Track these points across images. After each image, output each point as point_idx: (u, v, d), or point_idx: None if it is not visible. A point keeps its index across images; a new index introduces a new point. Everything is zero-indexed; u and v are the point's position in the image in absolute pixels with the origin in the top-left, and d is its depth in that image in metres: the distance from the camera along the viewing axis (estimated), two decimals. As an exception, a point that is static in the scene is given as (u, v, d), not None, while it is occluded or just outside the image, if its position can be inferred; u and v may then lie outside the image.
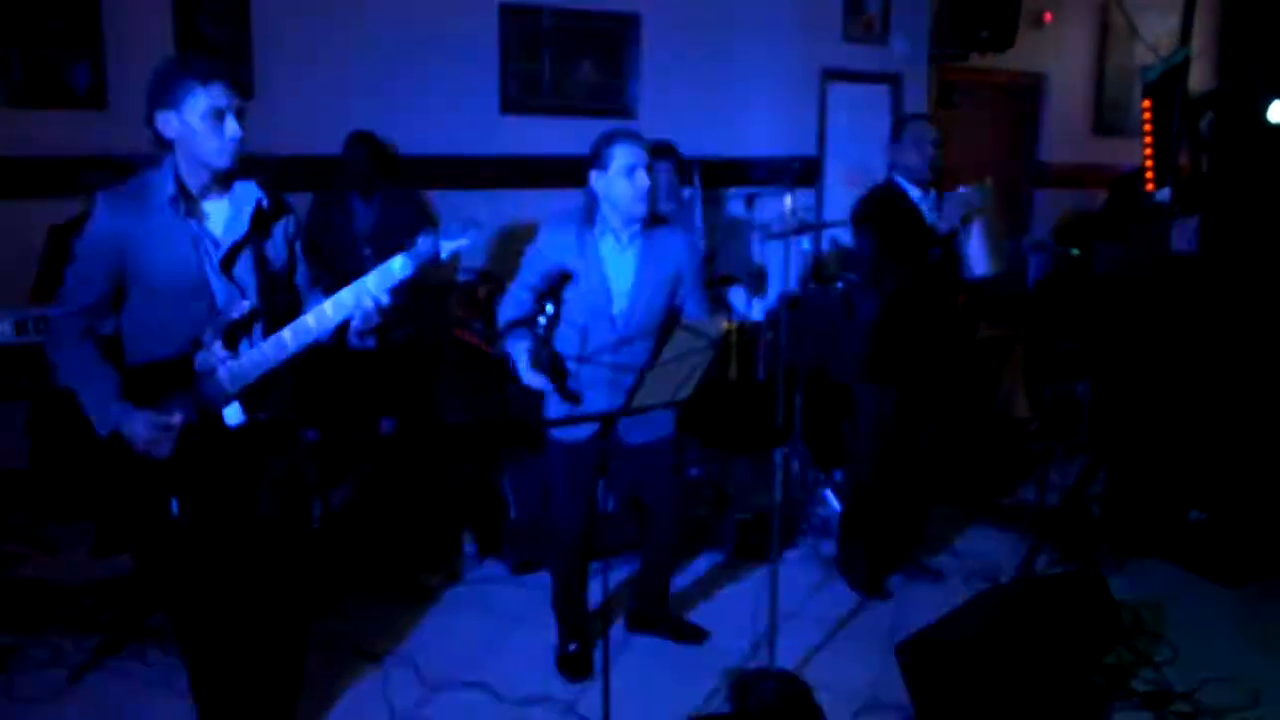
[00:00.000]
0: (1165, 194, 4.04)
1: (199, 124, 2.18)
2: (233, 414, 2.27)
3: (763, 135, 5.69)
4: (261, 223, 2.36)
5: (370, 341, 2.30)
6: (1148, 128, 4.06)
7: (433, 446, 4.39)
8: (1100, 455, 4.10)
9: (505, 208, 5.14)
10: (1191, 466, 4.04)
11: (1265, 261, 3.81)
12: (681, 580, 3.73)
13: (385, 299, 2.23)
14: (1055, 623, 2.97)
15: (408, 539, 3.92)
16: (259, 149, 4.41)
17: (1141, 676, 3.15)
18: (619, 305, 2.92)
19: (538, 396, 3.01)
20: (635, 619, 3.43)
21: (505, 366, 4.22)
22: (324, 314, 2.24)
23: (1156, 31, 6.13)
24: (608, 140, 2.87)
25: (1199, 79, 4.36)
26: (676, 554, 3.44)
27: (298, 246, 2.47)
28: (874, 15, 5.93)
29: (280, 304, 2.39)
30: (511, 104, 5.12)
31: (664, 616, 3.39)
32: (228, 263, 2.30)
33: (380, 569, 3.72)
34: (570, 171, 5.26)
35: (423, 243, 2.19)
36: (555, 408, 2.95)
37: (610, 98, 5.35)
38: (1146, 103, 4.05)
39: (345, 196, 4.50)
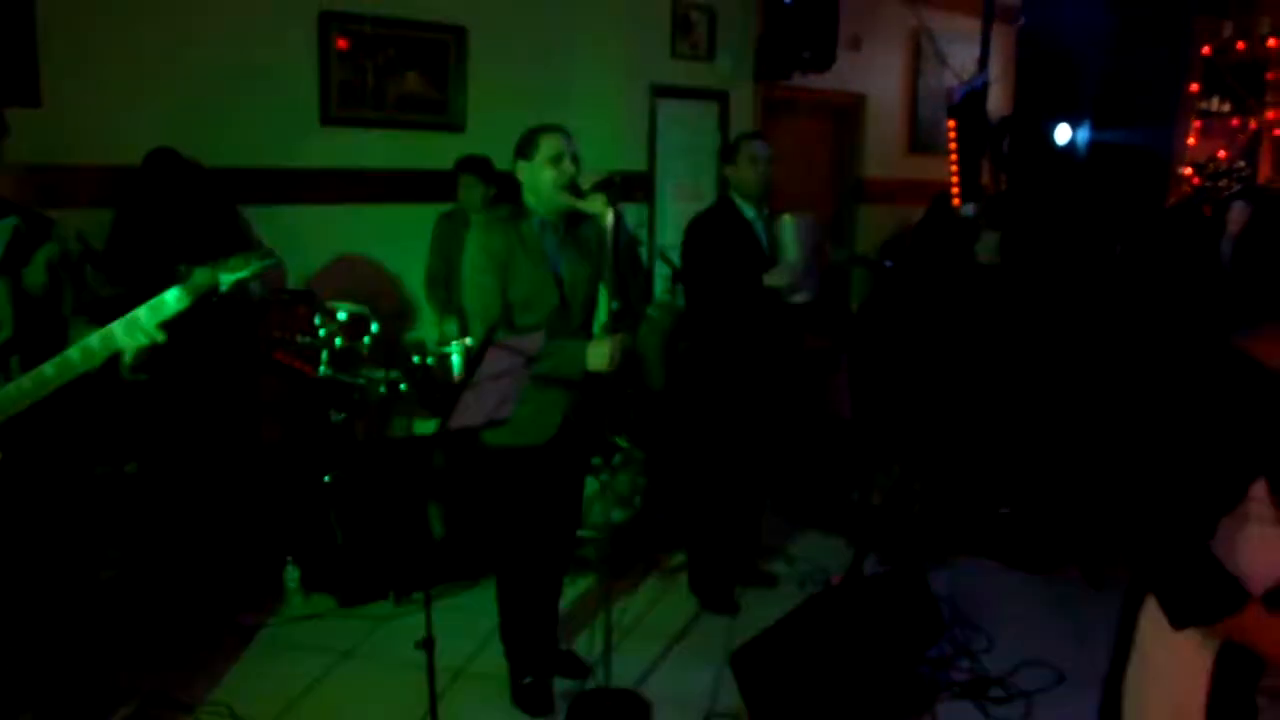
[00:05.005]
0: (970, 209, 4.31)
1: None
2: None
3: (594, 150, 5.69)
4: (19, 248, 2.16)
5: (143, 377, 2.12)
6: (953, 147, 4.33)
7: (250, 475, 4.13)
8: (918, 457, 4.30)
9: (329, 224, 4.94)
10: (999, 464, 4.30)
11: (1056, 270, 4.10)
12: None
13: (160, 336, 2.07)
14: (880, 621, 3.08)
15: (223, 576, 3.67)
16: (45, 158, 4.14)
17: (961, 666, 3.31)
18: (567, 298, 2.83)
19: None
20: None
21: (328, 387, 4.08)
22: (90, 349, 2.07)
23: (963, 59, 6.54)
24: (534, 131, 2.80)
25: (1003, 105, 4.67)
26: None
27: (85, 271, 2.30)
28: (701, 34, 6.07)
29: (43, 335, 2.19)
30: (332, 115, 4.92)
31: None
32: None
33: (193, 611, 3.47)
34: (398, 185, 5.14)
35: (200, 274, 2.06)
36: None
37: (437, 110, 5.22)
38: (951, 123, 4.31)
39: (150, 213, 4.19)
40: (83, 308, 2.32)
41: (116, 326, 2.08)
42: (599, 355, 2.70)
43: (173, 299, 2.08)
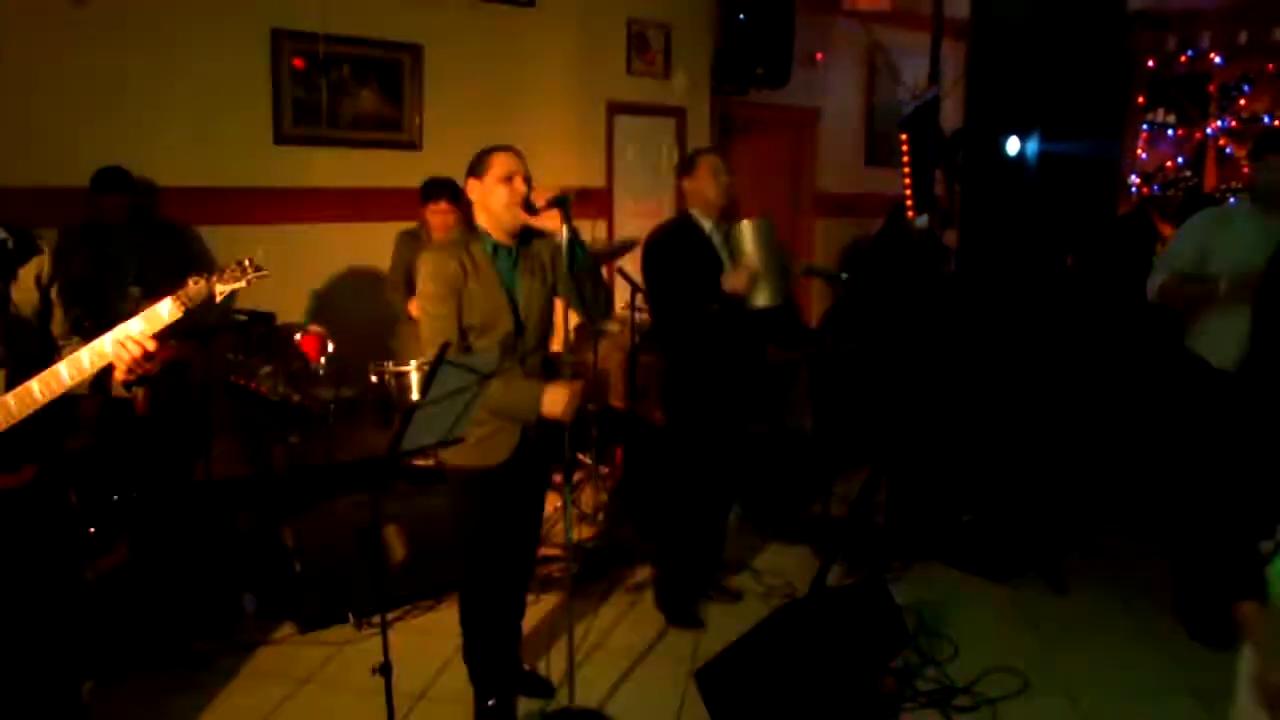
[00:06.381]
0: (923, 220, 4.35)
1: None
2: None
3: (551, 167, 5.69)
4: (5, 265, 2.16)
5: (135, 393, 2.11)
6: (905, 159, 4.37)
7: (206, 501, 4.05)
8: (880, 467, 4.32)
9: (284, 243, 4.88)
10: (961, 473, 4.32)
11: (1010, 280, 4.15)
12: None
13: (151, 345, 2.07)
14: (844, 633, 3.07)
15: (180, 604, 3.57)
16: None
17: (926, 675, 3.31)
18: (521, 319, 2.80)
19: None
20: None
21: (284, 409, 4.01)
22: (80, 363, 2.07)
23: (916, 74, 6.64)
24: (486, 151, 2.79)
25: (957, 118, 4.72)
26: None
27: (53, 291, 2.27)
28: (656, 51, 6.11)
29: (29, 353, 2.18)
30: (286, 134, 4.87)
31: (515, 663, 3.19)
32: None
33: (150, 640, 3.37)
34: (352, 203, 5.10)
35: (195, 285, 2.06)
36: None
37: (393, 129, 5.20)
38: (904, 136, 4.35)
39: (98, 234, 4.11)
40: (75, 328, 2.32)
41: (106, 340, 2.08)
42: (555, 401, 2.68)
43: (167, 310, 2.08)
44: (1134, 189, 7.68)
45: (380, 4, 5.07)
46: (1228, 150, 7.36)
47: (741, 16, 5.98)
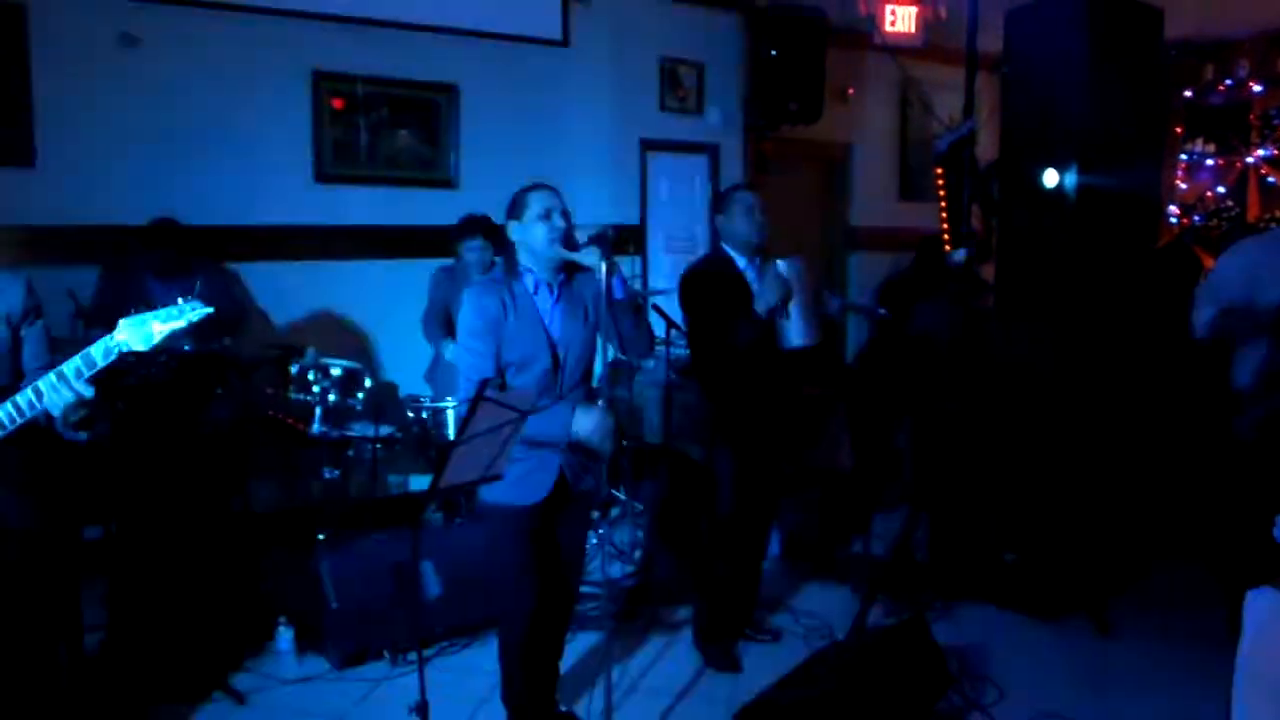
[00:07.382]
0: (960, 254, 4.31)
1: None
2: None
3: (586, 205, 5.73)
4: None
5: (82, 435, 2.10)
6: (941, 194, 4.34)
7: (241, 535, 4.07)
8: (920, 505, 4.24)
9: (322, 280, 4.94)
10: (1003, 510, 4.24)
11: (1049, 313, 4.08)
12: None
13: (87, 391, 2.06)
14: (886, 675, 3.01)
15: (214, 639, 3.58)
16: (37, 217, 4.15)
17: (971, 720, 3.23)
18: (560, 358, 2.80)
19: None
20: None
21: (321, 444, 4.03)
22: (17, 408, 2.10)
23: (950, 108, 6.62)
24: (523, 191, 2.81)
25: (992, 151, 4.69)
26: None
27: (37, 327, 2.34)
28: (689, 88, 6.15)
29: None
30: (325, 173, 4.96)
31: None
32: None
33: (183, 675, 3.37)
34: (390, 241, 5.16)
35: (128, 326, 2.06)
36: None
37: (430, 168, 5.27)
38: (938, 170, 4.33)
39: (140, 274, 4.19)
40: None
41: (42, 382, 2.08)
42: (585, 422, 2.67)
43: (100, 353, 2.06)
44: (1174, 219, 7.58)
45: (417, 45, 5.16)
46: (1269, 179, 7.24)
47: (773, 53, 6.01)
